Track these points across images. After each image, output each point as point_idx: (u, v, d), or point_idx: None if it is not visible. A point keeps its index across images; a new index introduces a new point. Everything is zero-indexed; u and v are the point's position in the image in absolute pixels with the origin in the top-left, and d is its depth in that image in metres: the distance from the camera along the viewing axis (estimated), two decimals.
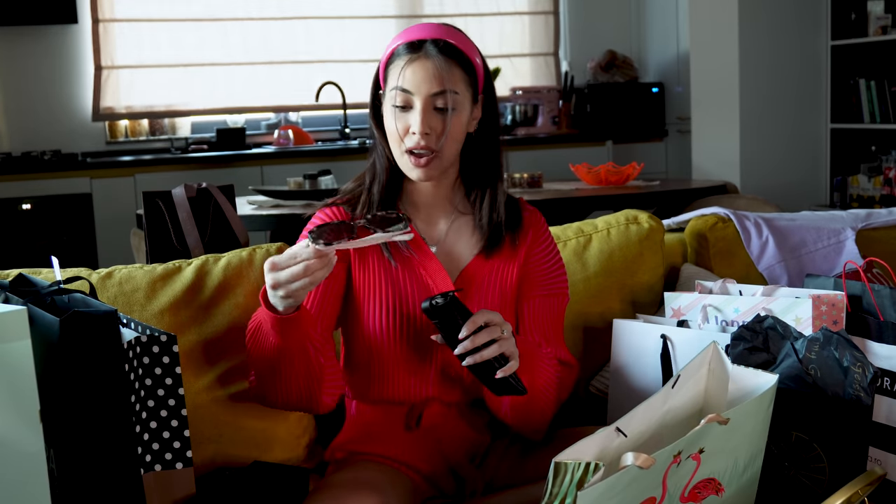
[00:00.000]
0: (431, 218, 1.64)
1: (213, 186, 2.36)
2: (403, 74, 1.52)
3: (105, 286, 1.67)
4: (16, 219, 4.63)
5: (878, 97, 4.89)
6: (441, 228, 1.64)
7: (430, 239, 1.63)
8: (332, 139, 5.54)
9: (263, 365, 1.48)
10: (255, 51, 5.37)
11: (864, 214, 2.25)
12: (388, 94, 1.55)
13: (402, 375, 1.59)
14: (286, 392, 1.50)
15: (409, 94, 1.52)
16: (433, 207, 1.64)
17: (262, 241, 2.19)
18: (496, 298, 1.61)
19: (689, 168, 5.32)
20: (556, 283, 1.66)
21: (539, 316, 1.64)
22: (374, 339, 1.59)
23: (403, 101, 1.52)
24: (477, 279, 1.61)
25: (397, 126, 1.53)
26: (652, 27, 5.96)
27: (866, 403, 1.38)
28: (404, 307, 1.57)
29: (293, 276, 1.32)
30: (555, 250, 1.68)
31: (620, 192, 3.65)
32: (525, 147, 5.41)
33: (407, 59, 1.52)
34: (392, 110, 1.54)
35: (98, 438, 1.25)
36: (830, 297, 1.61)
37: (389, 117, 1.55)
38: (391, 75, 1.54)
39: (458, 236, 1.64)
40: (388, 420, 1.62)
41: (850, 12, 4.91)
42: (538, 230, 1.67)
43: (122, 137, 5.27)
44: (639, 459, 1.07)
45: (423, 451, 1.60)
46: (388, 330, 1.57)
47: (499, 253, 1.62)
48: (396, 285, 1.58)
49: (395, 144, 1.55)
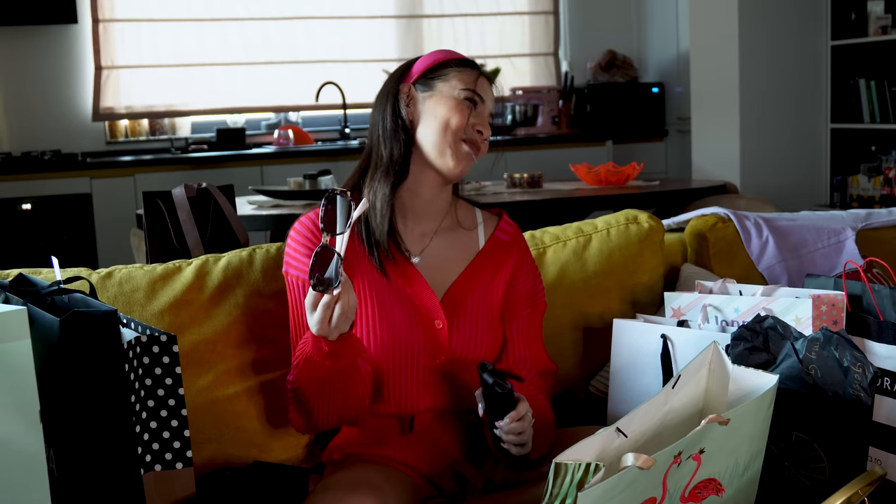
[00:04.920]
0: (420, 227, 1.65)
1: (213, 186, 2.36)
2: (478, 82, 1.62)
3: (105, 286, 1.66)
4: (16, 219, 4.63)
5: (878, 97, 4.89)
6: (427, 240, 1.65)
7: (414, 250, 1.63)
8: (332, 139, 5.53)
9: (314, 391, 1.50)
10: (255, 51, 5.37)
11: (864, 214, 2.25)
12: (451, 89, 1.60)
13: (392, 387, 1.59)
14: (340, 412, 1.54)
15: (479, 99, 1.61)
16: (424, 216, 1.65)
17: (262, 241, 2.19)
18: (483, 316, 1.63)
19: (689, 168, 5.32)
20: (538, 296, 1.72)
21: (526, 333, 1.69)
22: None
23: (474, 101, 1.61)
24: (463, 299, 1.62)
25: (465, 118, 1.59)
26: (652, 27, 5.96)
27: (866, 403, 1.38)
28: (389, 322, 1.57)
29: (321, 320, 1.38)
30: (535, 264, 1.74)
31: (620, 192, 3.65)
32: (525, 147, 5.41)
33: (478, 73, 1.63)
34: (460, 103, 1.59)
35: (98, 438, 1.25)
36: (830, 297, 1.61)
37: (454, 108, 1.59)
38: (456, 76, 1.61)
39: (444, 250, 1.65)
40: (385, 426, 1.62)
41: (850, 12, 4.91)
42: (522, 247, 1.71)
43: (122, 137, 5.27)
44: (639, 460, 1.07)
45: (420, 452, 1.60)
46: (375, 344, 1.57)
47: (484, 271, 1.65)
48: (383, 301, 1.58)
49: (450, 133, 1.59)
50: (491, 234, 1.69)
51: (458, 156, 1.59)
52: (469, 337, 1.60)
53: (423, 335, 1.58)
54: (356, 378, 1.49)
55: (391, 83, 1.65)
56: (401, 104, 1.62)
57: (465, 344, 1.60)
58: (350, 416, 1.56)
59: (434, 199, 1.64)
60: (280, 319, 1.74)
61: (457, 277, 1.63)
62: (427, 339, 1.58)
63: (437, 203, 1.65)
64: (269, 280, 1.74)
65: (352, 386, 1.50)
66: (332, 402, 1.51)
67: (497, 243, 1.68)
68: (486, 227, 1.70)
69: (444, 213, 1.67)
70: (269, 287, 1.74)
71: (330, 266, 1.33)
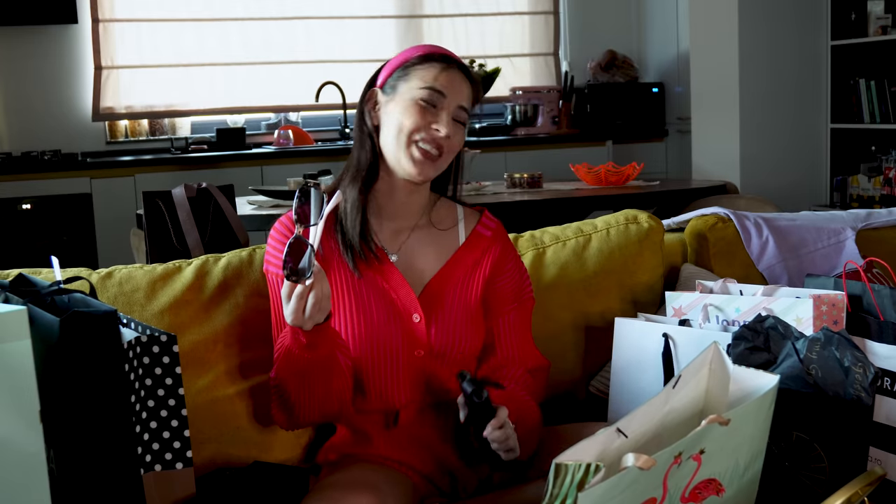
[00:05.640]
0: (395, 225, 1.65)
1: (213, 186, 2.36)
2: (437, 78, 1.57)
3: (105, 286, 1.66)
4: (16, 219, 4.63)
5: (878, 97, 4.89)
6: (403, 237, 1.65)
7: (391, 248, 1.64)
8: (332, 139, 5.53)
9: (295, 385, 1.51)
10: (255, 51, 5.37)
11: (864, 214, 2.25)
12: (410, 90, 1.58)
13: (373, 382, 1.59)
14: (321, 406, 1.55)
15: (440, 96, 1.57)
16: (399, 215, 1.65)
17: (262, 241, 2.18)
18: (460, 313, 1.63)
19: (689, 168, 5.32)
20: (525, 291, 1.71)
21: (513, 329, 1.68)
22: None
23: (432, 99, 1.57)
24: (441, 293, 1.62)
25: (418, 120, 1.56)
26: (652, 27, 5.96)
27: (867, 403, 1.38)
28: (367, 318, 1.58)
29: (295, 310, 1.39)
30: (520, 260, 1.73)
31: (620, 192, 3.65)
32: (525, 147, 5.41)
33: (442, 66, 1.59)
34: (413, 104, 1.57)
35: (98, 438, 1.25)
36: (831, 297, 1.61)
37: (407, 110, 1.57)
38: (417, 74, 1.58)
39: (422, 247, 1.65)
40: (370, 422, 1.62)
41: (850, 12, 4.91)
42: (505, 243, 1.70)
43: (122, 137, 5.27)
44: (639, 460, 1.07)
45: (410, 449, 1.60)
46: (354, 339, 1.58)
47: (463, 266, 1.65)
48: (360, 297, 1.59)
49: (403, 137, 1.57)
50: (472, 230, 1.69)
51: (412, 160, 1.57)
52: (448, 331, 1.60)
53: (401, 329, 1.58)
54: (336, 371, 1.51)
55: (365, 88, 1.66)
56: (366, 111, 1.64)
57: (444, 338, 1.60)
58: (332, 412, 1.57)
59: (408, 200, 1.65)
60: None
61: (435, 273, 1.64)
62: (405, 333, 1.59)
63: (413, 202, 1.65)
64: None
65: (332, 379, 1.51)
66: (313, 397, 1.52)
67: (478, 238, 1.68)
68: (468, 223, 1.70)
69: (420, 211, 1.67)
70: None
71: (303, 257, 1.35)
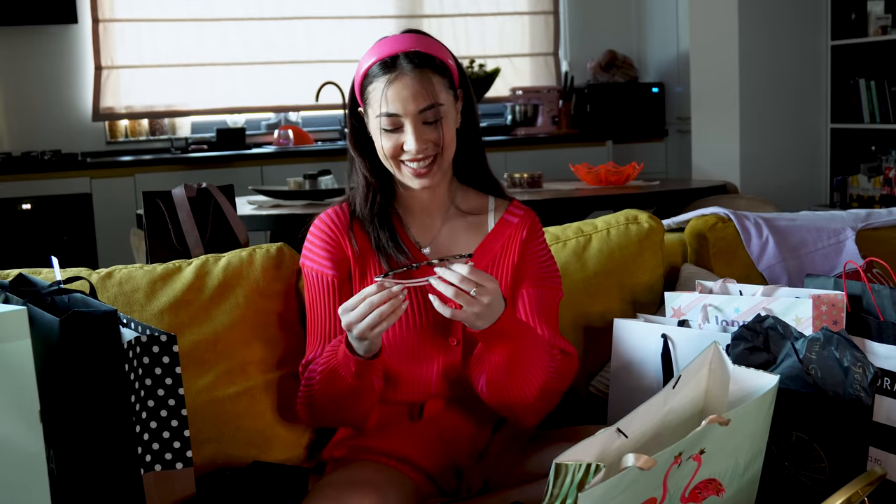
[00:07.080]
0: (427, 220, 1.65)
1: (213, 186, 2.36)
2: (386, 98, 1.51)
3: (105, 286, 1.66)
4: (16, 219, 4.63)
5: (878, 97, 4.89)
6: (436, 230, 1.65)
7: (423, 241, 1.64)
8: (332, 139, 5.53)
9: (329, 400, 1.55)
10: (255, 51, 5.37)
11: (864, 214, 2.25)
12: (373, 118, 1.54)
13: (403, 378, 1.60)
14: (346, 419, 1.61)
15: (396, 116, 1.51)
16: (429, 209, 1.65)
17: (262, 241, 2.18)
18: None
19: (689, 168, 5.32)
20: (550, 276, 1.68)
21: (534, 303, 1.63)
22: None
23: (392, 123, 1.52)
24: None
25: (391, 146, 1.53)
26: (652, 27, 5.96)
27: (866, 403, 1.38)
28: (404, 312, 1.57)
29: (361, 315, 1.40)
30: (548, 249, 1.70)
31: (620, 192, 3.65)
32: (525, 147, 5.40)
33: (385, 80, 1.51)
34: (380, 131, 1.54)
35: (98, 438, 1.25)
36: (830, 297, 1.61)
37: (379, 138, 1.55)
38: (372, 99, 1.54)
39: (454, 237, 1.65)
40: (390, 414, 1.63)
41: (850, 12, 4.91)
42: (533, 229, 1.68)
43: (122, 137, 5.27)
44: (640, 461, 1.07)
45: (424, 445, 1.60)
46: (391, 332, 1.58)
47: (491, 253, 1.64)
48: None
49: (388, 161, 1.57)
50: (500, 218, 1.68)
51: (408, 177, 1.56)
52: None
53: (436, 319, 1.58)
54: (370, 395, 1.55)
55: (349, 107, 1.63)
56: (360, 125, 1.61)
57: None
58: (354, 422, 1.62)
59: (433, 195, 1.64)
60: (280, 319, 1.74)
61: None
62: (440, 322, 1.58)
63: (438, 195, 1.65)
64: (269, 280, 1.74)
65: (363, 399, 1.55)
66: (342, 412, 1.58)
67: (506, 224, 1.67)
68: (497, 211, 1.69)
69: (447, 202, 1.66)
70: (269, 287, 1.74)
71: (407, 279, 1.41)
